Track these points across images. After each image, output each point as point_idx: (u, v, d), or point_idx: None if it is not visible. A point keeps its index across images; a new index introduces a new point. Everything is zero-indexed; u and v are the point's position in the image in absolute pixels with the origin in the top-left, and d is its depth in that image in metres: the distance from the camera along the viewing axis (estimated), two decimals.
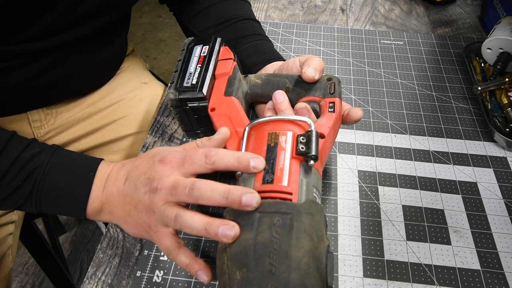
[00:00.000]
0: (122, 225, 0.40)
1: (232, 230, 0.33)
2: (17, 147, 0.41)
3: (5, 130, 0.43)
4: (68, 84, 0.59)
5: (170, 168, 0.37)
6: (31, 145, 0.42)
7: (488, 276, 0.41)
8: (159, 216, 0.36)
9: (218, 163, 0.36)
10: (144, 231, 0.38)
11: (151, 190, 0.36)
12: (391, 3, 0.82)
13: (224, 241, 0.33)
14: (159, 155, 0.38)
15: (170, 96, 0.46)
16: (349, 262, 0.42)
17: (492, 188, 0.49)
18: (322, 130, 0.40)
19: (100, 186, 0.41)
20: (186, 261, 0.37)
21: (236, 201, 0.33)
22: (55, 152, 0.42)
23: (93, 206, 0.41)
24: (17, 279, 1.17)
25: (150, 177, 0.37)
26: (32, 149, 0.41)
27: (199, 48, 0.50)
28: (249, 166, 0.35)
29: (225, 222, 0.33)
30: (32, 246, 0.84)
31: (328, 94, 0.44)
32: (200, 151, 0.37)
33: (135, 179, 0.38)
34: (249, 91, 0.49)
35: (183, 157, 0.37)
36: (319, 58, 0.46)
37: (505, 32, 0.57)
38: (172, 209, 0.36)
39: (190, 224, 0.34)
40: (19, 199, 0.40)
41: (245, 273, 0.31)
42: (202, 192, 0.34)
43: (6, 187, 0.40)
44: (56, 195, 0.40)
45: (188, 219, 0.35)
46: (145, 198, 0.37)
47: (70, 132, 0.65)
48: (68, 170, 0.41)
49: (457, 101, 0.60)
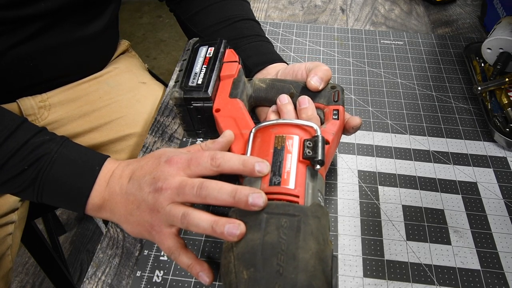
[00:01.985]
0: (123, 224, 0.40)
1: (238, 228, 0.33)
2: (27, 132, 0.41)
3: (17, 116, 0.43)
4: (51, 58, 0.59)
5: (176, 169, 0.37)
6: (42, 132, 0.42)
7: (488, 276, 0.41)
8: (164, 215, 0.36)
9: (224, 165, 0.36)
10: (145, 231, 0.38)
11: (156, 190, 0.36)
12: (391, 3, 0.82)
13: (230, 239, 0.33)
14: (165, 156, 0.39)
15: (175, 94, 0.46)
16: (349, 262, 0.42)
17: (492, 188, 0.49)
18: (326, 136, 0.41)
19: (104, 182, 0.41)
20: (188, 262, 0.37)
21: (243, 200, 0.33)
22: (64, 142, 0.42)
23: (94, 201, 0.40)
24: (17, 279, 1.17)
25: (155, 177, 0.37)
26: (43, 136, 0.42)
27: (204, 49, 0.51)
28: (254, 170, 0.36)
29: (231, 221, 0.33)
30: (32, 246, 0.84)
31: (332, 101, 0.45)
32: (206, 153, 0.37)
33: (139, 178, 0.38)
34: (253, 94, 0.49)
35: (189, 159, 0.37)
36: (326, 68, 0.46)
37: (505, 32, 0.57)
38: (178, 208, 0.36)
39: (197, 222, 0.35)
40: (22, 183, 0.40)
41: (252, 272, 0.31)
42: (210, 191, 0.35)
43: (12, 169, 0.40)
44: (59, 184, 0.40)
45: (195, 218, 0.35)
46: (149, 198, 0.37)
47: (67, 129, 0.65)
48: (75, 162, 0.41)
49: (457, 101, 0.60)
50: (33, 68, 0.59)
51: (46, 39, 0.57)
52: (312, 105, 0.45)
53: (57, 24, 0.57)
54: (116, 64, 0.72)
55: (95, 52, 0.67)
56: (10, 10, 0.51)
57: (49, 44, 0.57)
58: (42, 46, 0.57)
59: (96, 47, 0.66)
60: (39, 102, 0.63)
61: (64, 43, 0.59)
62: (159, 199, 0.36)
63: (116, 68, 0.71)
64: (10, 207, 0.61)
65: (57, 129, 0.65)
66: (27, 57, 0.57)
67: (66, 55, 0.61)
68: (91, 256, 1.23)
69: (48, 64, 0.60)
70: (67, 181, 0.40)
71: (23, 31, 0.54)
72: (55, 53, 0.59)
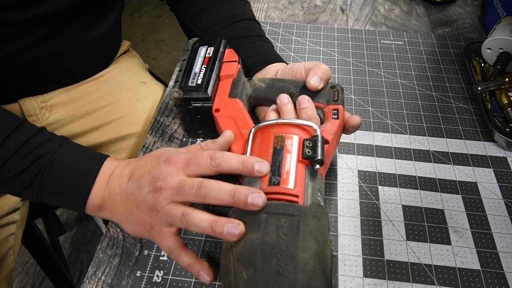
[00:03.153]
0: (122, 223, 0.40)
1: (238, 228, 0.33)
2: (27, 132, 0.41)
3: (16, 116, 0.43)
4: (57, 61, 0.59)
5: (175, 169, 0.37)
6: (41, 132, 0.42)
7: (488, 276, 0.41)
8: (164, 215, 0.36)
9: (223, 165, 0.36)
10: (145, 230, 0.38)
11: (155, 189, 0.37)
12: (391, 3, 0.82)
13: (229, 239, 0.33)
14: (164, 156, 0.39)
15: (174, 94, 0.46)
16: (349, 262, 0.42)
17: (492, 188, 0.49)
18: (326, 136, 0.41)
19: (104, 182, 0.41)
20: (188, 261, 0.37)
21: (242, 200, 0.33)
22: (64, 142, 0.42)
23: (94, 201, 0.40)
24: (17, 279, 1.17)
25: (154, 176, 0.37)
26: (42, 136, 0.42)
27: (204, 49, 0.51)
28: (254, 170, 0.36)
29: (230, 221, 0.33)
30: (32, 246, 0.84)
31: (332, 101, 0.45)
32: (206, 153, 0.37)
33: (139, 178, 0.38)
34: (253, 94, 0.49)
35: (189, 158, 0.37)
36: (326, 67, 0.46)
37: (505, 32, 0.57)
38: (178, 208, 0.36)
39: (197, 222, 0.35)
40: (22, 182, 0.40)
41: (252, 272, 0.31)
42: (209, 191, 0.35)
43: (11, 169, 0.40)
44: (59, 184, 0.40)
45: (195, 217, 0.35)
46: (148, 197, 0.37)
47: (68, 129, 0.65)
48: (75, 161, 0.41)
49: (457, 101, 0.60)
50: (39, 71, 0.59)
51: (53, 43, 0.57)
52: (312, 104, 0.44)
53: (64, 27, 0.57)
54: (117, 64, 0.72)
55: (100, 54, 0.67)
56: (18, 12, 0.51)
57: (56, 47, 0.58)
58: (49, 49, 0.57)
59: (101, 49, 0.67)
60: (40, 102, 0.63)
61: (71, 47, 0.60)
62: (159, 199, 0.36)
63: (117, 68, 0.71)
64: (11, 207, 0.61)
65: (58, 129, 0.65)
66: (35, 61, 0.57)
67: (72, 58, 0.61)
68: (91, 256, 1.23)
69: (54, 67, 0.60)
70: (66, 180, 0.40)
71: (31, 34, 0.54)
72: (61, 57, 0.59)
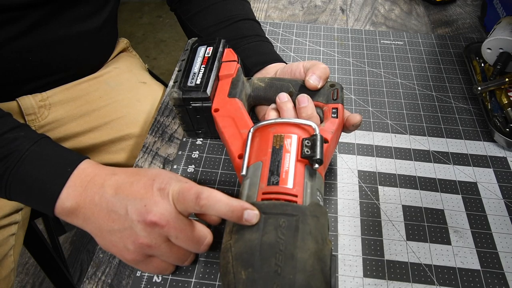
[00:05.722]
0: (96, 237, 0.38)
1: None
2: (3, 126, 0.40)
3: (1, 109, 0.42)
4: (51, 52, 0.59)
5: (168, 203, 0.36)
6: (19, 128, 0.40)
7: (488, 276, 0.41)
8: (159, 251, 0.37)
9: (208, 208, 0.34)
10: (118, 252, 0.37)
11: (149, 223, 0.35)
12: (391, 3, 0.82)
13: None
14: (159, 181, 0.37)
15: (173, 95, 0.46)
16: (349, 262, 0.42)
17: (492, 188, 0.49)
18: (325, 135, 0.41)
19: (80, 187, 0.38)
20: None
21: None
22: (40, 140, 0.40)
23: (65, 205, 0.38)
24: (17, 279, 1.17)
25: (147, 205, 0.35)
26: (17, 132, 0.40)
27: (203, 49, 0.51)
28: (242, 218, 0.33)
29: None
30: (32, 246, 0.84)
31: (331, 100, 0.45)
32: (193, 190, 0.35)
33: (127, 198, 0.36)
34: (252, 93, 0.49)
35: (178, 192, 0.36)
36: (324, 66, 0.46)
37: (505, 32, 0.57)
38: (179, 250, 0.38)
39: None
40: None
41: (250, 273, 0.31)
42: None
43: None
44: (27, 184, 0.38)
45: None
46: (138, 228, 0.35)
47: (67, 128, 0.65)
48: (46, 162, 0.39)
49: (457, 101, 0.60)
50: (32, 62, 0.58)
51: (44, 32, 0.57)
52: (312, 103, 0.44)
53: (55, 16, 0.57)
54: (116, 64, 0.72)
55: (94, 48, 0.67)
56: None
57: (47, 37, 0.57)
58: (40, 39, 0.57)
59: (95, 43, 0.66)
60: (39, 101, 0.63)
61: (63, 37, 0.59)
62: (153, 235, 0.35)
63: (116, 68, 0.71)
64: (13, 208, 0.61)
65: (57, 129, 0.65)
66: (26, 50, 0.56)
67: (65, 49, 0.61)
68: (91, 256, 1.23)
69: (47, 58, 0.60)
70: (35, 181, 0.38)
71: (21, 22, 0.54)
72: (53, 47, 0.59)
